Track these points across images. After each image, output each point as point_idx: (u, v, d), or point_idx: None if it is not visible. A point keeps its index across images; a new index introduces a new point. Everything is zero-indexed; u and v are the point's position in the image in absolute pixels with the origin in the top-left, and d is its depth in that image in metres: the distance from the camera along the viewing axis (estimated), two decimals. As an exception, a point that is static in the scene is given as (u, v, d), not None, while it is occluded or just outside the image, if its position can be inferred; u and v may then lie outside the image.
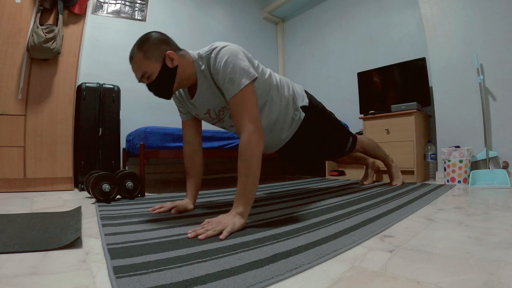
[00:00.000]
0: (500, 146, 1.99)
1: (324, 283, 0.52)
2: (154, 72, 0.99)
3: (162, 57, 0.99)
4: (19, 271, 0.58)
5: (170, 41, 1.04)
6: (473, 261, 0.60)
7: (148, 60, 0.98)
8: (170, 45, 1.03)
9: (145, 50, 0.97)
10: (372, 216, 1.03)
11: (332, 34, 3.43)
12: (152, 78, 1.00)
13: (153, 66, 0.99)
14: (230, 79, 0.95)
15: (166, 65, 0.99)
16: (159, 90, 1.04)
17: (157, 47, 0.99)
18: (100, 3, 2.63)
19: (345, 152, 1.70)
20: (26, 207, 1.34)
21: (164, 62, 0.99)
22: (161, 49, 0.99)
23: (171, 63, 1.00)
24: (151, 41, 0.99)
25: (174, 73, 1.01)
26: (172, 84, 1.03)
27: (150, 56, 0.98)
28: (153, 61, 0.98)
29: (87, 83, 2.13)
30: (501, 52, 1.97)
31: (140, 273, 0.55)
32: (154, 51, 0.98)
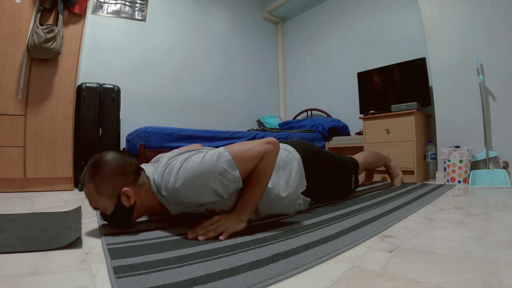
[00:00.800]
0: (500, 146, 1.99)
1: (324, 283, 0.52)
2: (108, 209, 0.86)
3: (116, 193, 0.84)
4: (19, 271, 0.58)
5: (127, 169, 0.87)
6: (473, 261, 0.60)
7: (99, 196, 0.84)
8: (127, 176, 0.86)
9: (96, 184, 0.83)
10: (372, 216, 1.03)
11: (332, 34, 3.43)
12: (106, 213, 0.87)
13: (106, 203, 0.85)
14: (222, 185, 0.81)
15: (121, 203, 0.85)
16: (116, 224, 0.92)
17: (111, 182, 0.84)
18: (100, 3, 2.63)
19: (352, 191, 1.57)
20: (26, 207, 1.34)
21: (118, 199, 0.85)
22: (115, 185, 0.84)
23: (127, 202, 0.86)
24: (104, 173, 0.83)
25: (131, 210, 0.88)
26: (129, 219, 0.90)
27: (102, 192, 0.83)
28: (106, 199, 0.84)
29: (87, 83, 2.13)
30: (501, 52, 1.97)
31: (140, 273, 0.55)
32: (106, 186, 0.83)
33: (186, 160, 0.84)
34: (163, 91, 2.97)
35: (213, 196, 0.84)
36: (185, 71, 3.16)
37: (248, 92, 3.73)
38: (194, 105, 3.22)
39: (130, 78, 2.73)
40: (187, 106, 3.17)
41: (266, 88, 3.95)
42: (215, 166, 0.80)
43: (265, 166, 0.88)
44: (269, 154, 0.89)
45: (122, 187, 0.85)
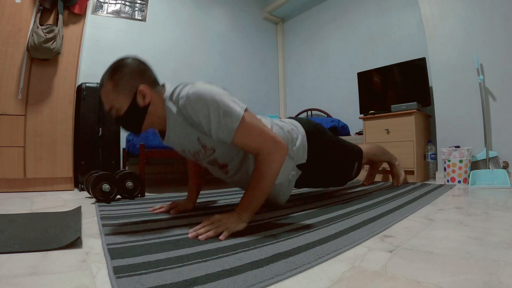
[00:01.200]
0: (500, 146, 1.99)
1: (324, 283, 0.52)
2: (122, 108, 0.88)
3: (133, 91, 0.87)
4: (19, 271, 0.58)
5: (146, 73, 0.91)
6: (473, 261, 0.60)
7: (117, 94, 0.87)
8: (145, 78, 0.90)
9: (115, 81, 0.86)
10: (372, 216, 1.03)
11: (332, 34, 3.43)
12: (119, 113, 0.89)
13: (122, 101, 0.87)
14: (225, 113, 0.82)
15: (136, 101, 0.88)
16: (127, 126, 0.94)
17: (129, 80, 0.87)
18: (100, 3, 2.63)
19: (352, 178, 1.58)
20: (26, 207, 1.34)
21: (134, 97, 0.87)
22: (133, 83, 0.87)
23: (142, 101, 0.88)
24: (124, 71, 0.87)
25: (144, 112, 0.90)
26: (140, 122, 0.92)
27: (120, 89, 0.86)
28: (122, 96, 0.87)
29: (87, 83, 2.12)
30: (501, 52, 1.97)
31: (140, 273, 0.55)
32: (125, 84, 0.87)
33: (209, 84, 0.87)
34: (163, 91, 2.97)
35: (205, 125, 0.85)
36: (185, 71, 3.16)
37: (248, 92, 3.73)
38: (194, 105, 3.21)
39: (130, 78, 2.73)
40: (187, 106, 3.16)
41: (266, 88, 3.95)
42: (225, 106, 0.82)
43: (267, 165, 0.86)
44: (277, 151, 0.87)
45: (139, 86, 0.88)
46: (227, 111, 0.82)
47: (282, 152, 0.88)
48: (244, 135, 0.85)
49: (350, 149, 1.53)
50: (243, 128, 0.84)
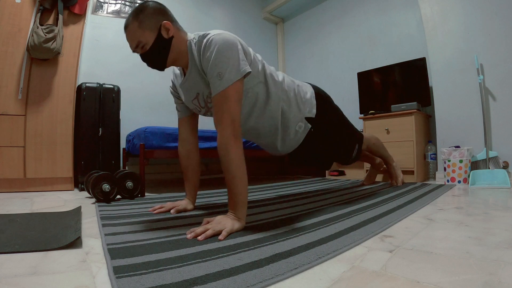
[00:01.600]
0: (500, 146, 1.99)
1: (324, 283, 0.52)
2: (149, 42, 0.97)
3: (157, 26, 0.96)
4: (19, 271, 0.58)
5: (167, 12, 1.01)
6: (473, 261, 0.60)
7: (142, 30, 0.95)
8: (166, 15, 1.00)
9: (140, 20, 0.95)
10: (372, 216, 1.03)
11: (332, 34, 3.43)
12: (146, 48, 0.97)
13: (148, 36, 0.96)
14: (218, 74, 0.91)
15: (161, 35, 0.97)
16: (153, 61, 1.02)
17: (153, 17, 0.96)
18: (100, 3, 2.63)
19: (350, 161, 1.61)
20: (26, 207, 1.34)
21: (159, 32, 0.97)
22: (157, 19, 0.97)
23: (166, 34, 0.97)
24: (148, 10, 0.96)
25: (169, 44, 0.99)
26: (166, 55, 1.00)
27: (145, 25, 0.95)
28: (148, 31, 0.96)
29: (87, 83, 2.12)
30: (501, 52, 1.97)
31: (140, 273, 0.55)
32: (149, 21, 0.96)
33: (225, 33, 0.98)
34: (163, 91, 2.97)
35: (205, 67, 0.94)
36: (185, 71, 3.16)
37: (248, 92, 3.73)
38: (194, 105, 3.22)
39: (130, 78, 2.73)
40: (187, 106, 3.16)
41: (266, 88, 3.95)
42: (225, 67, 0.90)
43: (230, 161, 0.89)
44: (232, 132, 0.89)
45: (162, 21, 0.97)
46: (221, 73, 0.90)
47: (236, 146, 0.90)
48: (219, 102, 0.91)
49: (353, 128, 1.60)
50: (221, 97, 0.91)
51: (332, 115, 1.41)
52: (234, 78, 0.91)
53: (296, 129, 1.25)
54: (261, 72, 1.09)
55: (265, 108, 1.15)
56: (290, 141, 1.29)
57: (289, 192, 1.75)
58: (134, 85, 2.75)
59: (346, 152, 1.55)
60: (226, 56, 0.91)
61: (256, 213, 1.13)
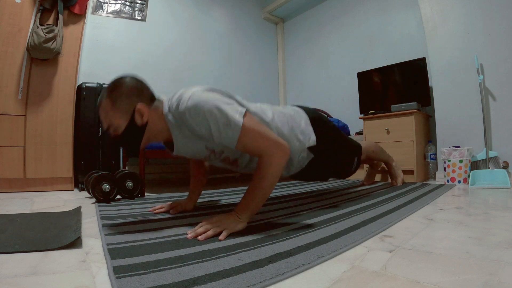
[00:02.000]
0: (500, 146, 1.99)
1: (324, 283, 0.52)
2: (120, 126, 0.89)
3: (131, 110, 0.88)
4: (19, 271, 0.58)
5: (144, 91, 0.92)
6: (473, 261, 0.60)
7: (114, 112, 0.87)
8: (142, 96, 0.91)
9: (113, 99, 0.87)
10: (372, 216, 1.03)
11: (332, 34, 3.43)
12: (118, 131, 0.90)
13: (120, 120, 0.88)
14: (225, 124, 0.83)
15: (134, 120, 0.89)
16: (125, 146, 0.96)
17: (127, 98, 0.88)
18: (100, 3, 2.63)
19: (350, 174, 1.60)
20: (26, 207, 1.34)
21: (132, 116, 0.88)
22: (131, 101, 0.88)
23: (140, 119, 0.89)
24: (122, 89, 0.88)
25: (142, 130, 0.91)
26: (139, 141, 0.93)
27: (118, 107, 0.87)
28: (120, 114, 0.88)
29: (87, 83, 2.12)
30: (501, 52, 1.97)
31: (140, 273, 0.55)
32: (122, 102, 0.87)
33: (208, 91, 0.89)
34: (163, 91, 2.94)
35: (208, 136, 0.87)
36: (185, 71, 3.16)
37: (248, 92, 3.73)
38: (194, 105, 3.22)
39: (130, 78, 2.73)
40: (187, 106, 3.16)
41: (266, 88, 3.95)
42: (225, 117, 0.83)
43: (268, 165, 0.86)
44: (278, 152, 0.87)
45: (137, 103, 0.89)
46: (226, 122, 0.83)
47: (283, 154, 0.88)
48: (246, 141, 0.86)
49: (350, 142, 1.56)
50: (244, 136, 0.85)
51: (330, 134, 1.36)
52: (239, 122, 0.83)
53: (298, 159, 1.20)
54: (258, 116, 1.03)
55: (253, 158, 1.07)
56: (294, 169, 1.25)
57: (289, 192, 1.75)
58: (134, 85, 2.74)
59: (346, 168, 1.53)
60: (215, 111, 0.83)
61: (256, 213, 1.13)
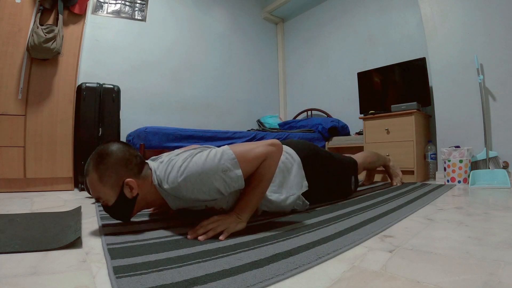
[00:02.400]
0: (500, 146, 1.99)
1: (324, 283, 0.52)
2: (110, 200, 0.86)
3: (119, 184, 0.85)
4: (19, 271, 0.58)
5: (131, 161, 0.88)
6: (473, 261, 0.60)
7: (103, 186, 0.84)
8: (130, 167, 0.87)
9: (100, 173, 0.84)
10: (372, 216, 1.03)
11: (332, 34, 3.43)
12: (108, 204, 0.87)
13: (109, 194, 0.85)
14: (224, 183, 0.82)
15: (123, 194, 0.86)
16: (116, 216, 0.93)
17: (114, 171, 0.85)
18: (100, 3, 2.63)
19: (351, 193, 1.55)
20: (26, 207, 1.34)
21: (121, 190, 0.85)
22: (119, 175, 0.85)
23: (129, 193, 0.86)
24: (109, 161, 0.85)
25: (133, 202, 0.88)
26: (130, 212, 0.91)
27: (105, 181, 0.84)
28: (109, 188, 0.85)
29: (87, 83, 2.13)
30: (501, 52, 1.97)
31: (140, 273, 0.55)
32: (110, 176, 0.84)
33: (189, 157, 0.85)
34: (163, 91, 2.98)
35: (214, 194, 0.85)
36: (185, 71, 3.16)
37: (248, 92, 3.74)
38: (194, 105, 3.22)
39: (130, 78, 2.73)
40: (187, 106, 3.17)
41: (266, 88, 3.95)
42: (218, 164, 0.81)
43: (267, 167, 0.88)
44: (272, 156, 0.89)
45: (125, 178, 0.86)
46: (224, 169, 0.81)
47: (277, 152, 0.90)
48: (247, 168, 0.84)
49: (345, 165, 1.51)
50: (243, 166, 0.83)
51: (322, 169, 1.31)
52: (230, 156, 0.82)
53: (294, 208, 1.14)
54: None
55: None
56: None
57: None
58: (134, 85, 2.75)
59: (345, 190, 1.49)
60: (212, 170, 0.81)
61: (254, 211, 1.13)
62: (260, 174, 0.88)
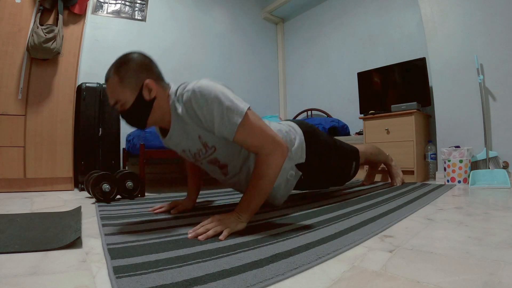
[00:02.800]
0: (500, 146, 1.99)
1: (324, 283, 0.52)
2: (128, 102, 0.88)
3: (139, 86, 0.88)
4: (19, 271, 0.58)
5: (152, 68, 0.92)
6: (473, 261, 0.60)
7: (123, 87, 0.87)
8: (151, 72, 0.91)
9: (121, 75, 0.87)
10: (372, 216, 1.03)
11: (332, 34, 3.43)
12: (125, 107, 0.89)
13: (128, 95, 0.88)
14: (227, 108, 0.82)
15: (142, 95, 0.88)
16: (132, 121, 0.94)
17: (135, 74, 0.88)
18: (100, 3, 2.63)
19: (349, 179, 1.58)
20: (26, 207, 1.34)
21: (140, 91, 0.88)
22: (140, 77, 0.88)
23: (148, 95, 0.89)
24: (130, 65, 0.88)
25: (150, 106, 0.90)
26: (146, 117, 0.92)
27: (126, 83, 0.87)
28: (128, 89, 0.88)
29: (87, 83, 2.12)
30: (501, 52, 1.97)
31: (140, 273, 0.55)
32: (131, 78, 0.87)
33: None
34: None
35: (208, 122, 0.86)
36: (185, 71, 3.16)
37: (248, 92, 3.73)
38: (194, 105, 3.22)
39: (130, 78, 2.73)
40: (187, 106, 3.16)
41: (266, 88, 3.95)
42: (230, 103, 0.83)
43: (266, 165, 0.86)
44: (277, 151, 0.87)
45: (145, 80, 0.89)
46: (230, 106, 0.83)
47: (282, 153, 0.88)
48: (246, 132, 0.85)
49: (347, 149, 1.55)
50: (245, 125, 0.84)
51: (324, 148, 1.34)
52: (244, 107, 0.84)
53: (287, 178, 1.16)
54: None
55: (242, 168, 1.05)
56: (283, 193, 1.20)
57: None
58: (134, 85, 2.75)
59: (344, 175, 1.51)
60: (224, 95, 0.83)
61: (256, 213, 1.13)
62: (259, 172, 0.87)
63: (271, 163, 0.86)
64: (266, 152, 0.86)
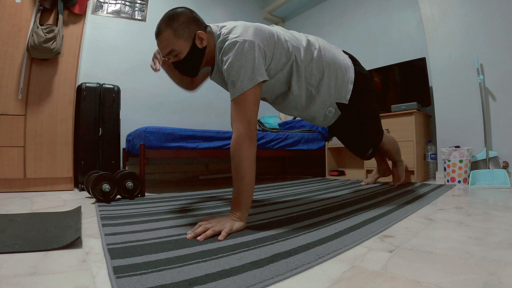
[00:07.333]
0: (500, 146, 1.99)
1: (324, 283, 0.52)
2: (183, 51, 0.99)
3: (192, 36, 0.98)
4: (19, 271, 0.58)
5: (199, 20, 1.02)
6: (473, 261, 0.60)
7: (177, 38, 0.97)
8: (199, 24, 1.01)
9: (174, 28, 0.96)
10: (372, 216, 1.03)
11: (332, 34, 3.43)
12: (180, 57, 1.00)
13: (182, 45, 0.98)
14: (232, 82, 0.92)
15: (195, 45, 0.99)
16: (187, 70, 1.05)
17: (187, 26, 0.98)
18: (100, 3, 2.63)
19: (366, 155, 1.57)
20: (26, 207, 1.34)
21: (193, 41, 0.98)
22: (191, 28, 0.98)
23: (200, 44, 0.99)
24: (181, 19, 0.97)
25: (202, 53, 1.02)
26: (199, 64, 1.04)
27: (180, 34, 0.97)
28: (183, 40, 0.98)
29: (87, 83, 2.12)
30: (501, 52, 1.97)
31: (140, 273, 0.55)
32: (184, 30, 0.97)
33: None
34: (163, 91, 2.97)
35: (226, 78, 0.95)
36: (185, 71, 3.16)
37: (248, 92, 3.73)
38: (194, 105, 3.22)
39: (130, 78, 2.73)
40: (187, 106, 3.16)
41: (266, 88, 3.94)
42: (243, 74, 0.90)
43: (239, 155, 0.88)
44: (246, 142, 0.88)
45: (196, 31, 0.99)
46: (234, 81, 0.91)
47: (250, 144, 0.90)
48: (235, 106, 0.93)
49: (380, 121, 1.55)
50: (237, 101, 0.92)
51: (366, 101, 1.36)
52: (246, 87, 0.91)
53: (326, 113, 1.27)
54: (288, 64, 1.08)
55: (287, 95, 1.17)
56: (321, 121, 1.33)
57: (290, 192, 1.76)
58: (134, 85, 2.75)
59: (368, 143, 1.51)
60: (239, 65, 0.91)
61: (256, 213, 1.13)
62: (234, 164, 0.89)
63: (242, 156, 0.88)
64: (236, 139, 0.89)
